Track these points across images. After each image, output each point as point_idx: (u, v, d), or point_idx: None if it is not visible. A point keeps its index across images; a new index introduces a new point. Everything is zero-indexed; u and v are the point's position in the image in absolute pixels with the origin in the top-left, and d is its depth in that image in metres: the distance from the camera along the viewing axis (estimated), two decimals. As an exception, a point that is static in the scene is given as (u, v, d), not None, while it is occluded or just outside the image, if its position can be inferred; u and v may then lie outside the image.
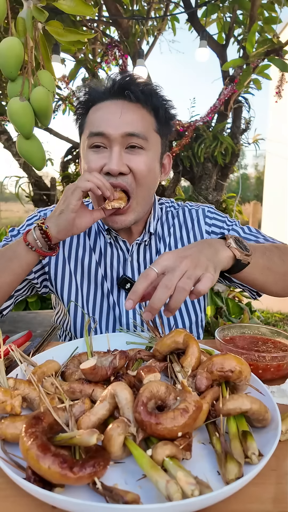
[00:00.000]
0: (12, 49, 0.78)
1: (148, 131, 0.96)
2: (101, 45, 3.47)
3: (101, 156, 0.94)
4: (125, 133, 0.92)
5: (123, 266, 1.10)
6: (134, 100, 0.94)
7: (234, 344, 0.88)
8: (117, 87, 0.94)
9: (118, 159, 0.91)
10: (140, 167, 0.94)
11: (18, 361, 0.71)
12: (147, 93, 0.95)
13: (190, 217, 1.15)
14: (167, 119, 1.02)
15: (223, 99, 3.03)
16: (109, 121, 0.92)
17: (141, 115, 0.95)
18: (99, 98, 0.97)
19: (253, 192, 19.54)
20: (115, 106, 0.94)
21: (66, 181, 3.89)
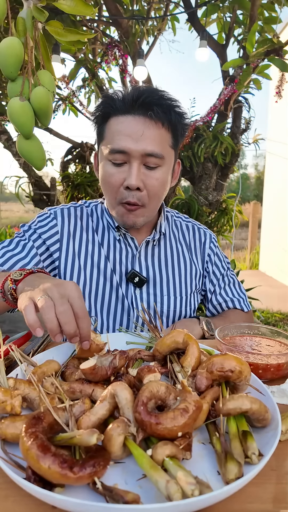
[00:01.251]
0: (12, 49, 0.78)
1: (164, 149, 1.01)
2: (101, 45, 3.46)
3: (121, 170, 1.01)
4: (145, 153, 0.98)
5: (131, 262, 1.15)
6: (156, 119, 0.98)
7: (234, 344, 0.88)
8: (141, 103, 0.97)
9: (136, 176, 0.98)
10: (154, 184, 1.02)
11: (18, 361, 0.71)
12: (168, 112, 1.00)
13: (199, 235, 1.27)
14: (183, 132, 1.08)
15: (223, 99, 3.03)
16: (130, 138, 0.97)
17: (160, 134, 1.00)
18: (121, 110, 0.99)
19: (253, 192, 19.54)
20: (137, 123, 0.97)
21: (66, 181, 3.89)
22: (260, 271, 8.32)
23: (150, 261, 1.17)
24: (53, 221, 1.14)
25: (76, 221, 1.16)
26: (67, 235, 1.13)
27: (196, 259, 1.23)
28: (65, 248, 1.12)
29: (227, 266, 1.29)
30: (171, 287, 1.17)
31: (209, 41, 2.98)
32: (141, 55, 3.03)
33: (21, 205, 3.91)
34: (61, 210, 1.16)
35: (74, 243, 1.13)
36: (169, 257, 1.20)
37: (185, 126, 1.08)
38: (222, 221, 3.44)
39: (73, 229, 1.14)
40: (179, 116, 1.03)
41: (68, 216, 1.15)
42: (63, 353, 0.82)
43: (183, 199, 3.31)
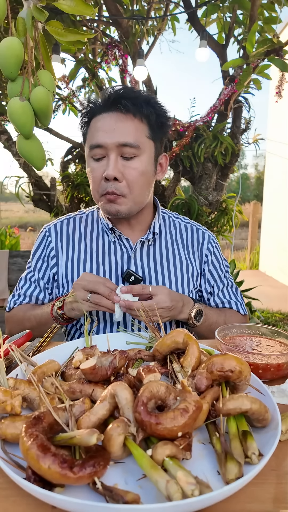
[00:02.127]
0: (12, 49, 0.78)
1: (140, 139, 1.06)
2: (101, 45, 3.46)
3: (101, 164, 1.07)
4: (119, 143, 1.03)
5: (127, 262, 1.18)
6: (126, 112, 1.04)
7: (234, 344, 0.88)
8: (112, 100, 1.05)
9: (113, 166, 1.03)
10: (132, 173, 1.06)
11: (18, 361, 0.71)
12: (138, 104, 1.05)
13: (197, 235, 1.28)
14: (160, 123, 1.12)
15: (223, 99, 3.03)
16: (105, 133, 1.04)
17: (133, 125, 1.05)
18: (97, 111, 1.08)
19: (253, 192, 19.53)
20: (110, 119, 1.05)
21: (66, 181, 3.89)
22: (260, 271, 8.32)
23: (145, 261, 1.19)
24: (48, 239, 1.23)
25: (68, 233, 1.23)
26: (60, 249, 1.21)
27: (194, 259, 1.24)
28: (60, 262, 1.20)
29: (225, 269, 1.30)
30: (166, 286, 1.18)
31: (209, 41, 2.98)
32: (141, 55, 3.03)
33: (21, 205, 3.91)
34: (54, 226, 1.25)
35: (67, 255, 1.20)
36: (165, 256, 1.21)
37: (164, 118, 1.12)
38: (222, 221, 3.44)
39: (66, 242, 1.21)
40: (152, 108, 1.07)
41: (60, 231, 1.23)
42: (63, 353, 0.82)
43: (183, 199, 3.31)
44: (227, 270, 1.30)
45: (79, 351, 0.74)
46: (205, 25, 3.04)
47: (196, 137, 3.20)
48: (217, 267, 1.27)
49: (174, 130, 3.19)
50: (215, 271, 1.26)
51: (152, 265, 1.19)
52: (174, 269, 1.20)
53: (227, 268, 1.30)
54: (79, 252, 1.20)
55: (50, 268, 1.21)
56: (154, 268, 1.19)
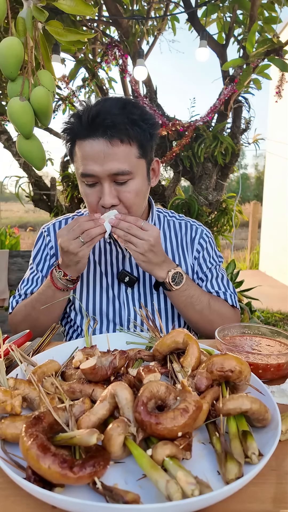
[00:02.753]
0: (12, 49, 0.78)
1: (130, 163, 1.01)
2: (101, 45, 3.46)
3: (95, 190, 1.04)
4: (111, 173, 0.99)
5: (122, 262, 1.19)
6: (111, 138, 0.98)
7: (234, 344, 0.88)
8: (96, 126, 0.98)
9: (108, 195, 1.01)
10: (128, 196, 1.04)
11: (18, 361, 0.71)
12: (123, 128, 0.98)
13: (191, 231, 1.26)
14: (149, 136, 1.06)
15: (223, 99, 3.03)
16: (94, 162, 0.99)
17: (123, 151, 0.99)
18: (81, 134, 1.01)
19: (253, 192, 19.51)
20: (97, 146, 0.98)
21: (66, 181, 3.89)
22: (260, 271, 8.32)
23: None
24: (47, 238, 1.24)
25: None
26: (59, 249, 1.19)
27: (187, 255, 1.23)
28: None
29: (217, 262, 1.27)
30: None
31: (209, 41, 2.98)
32: (141, 55, 3.03)
33: (21, 205, 3.91)
34: (53, 225, 1.25)
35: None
36: None
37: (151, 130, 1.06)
38: (222, 221, 3.44)
39: None
40: (138, 127, 1.01)
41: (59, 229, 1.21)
42: (63, 353, 0.82)
43: (183, 199, 3.31)
44: (218, 263, 1.27)
45: (79, 351, 0.74)
46: (205, 25, 3.04)
47: (196, 137, 3.20)
48: (206, 260, 1.25)
49: (174, 130, 3.19)
50: (204, 263, 1.24)
51: None
52: None
53: (219, 261, 1.28)
54: None
55: (50, 267, 1.22)
56: None
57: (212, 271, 1.24)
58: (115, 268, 1.18)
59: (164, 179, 3.95)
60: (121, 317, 1.16)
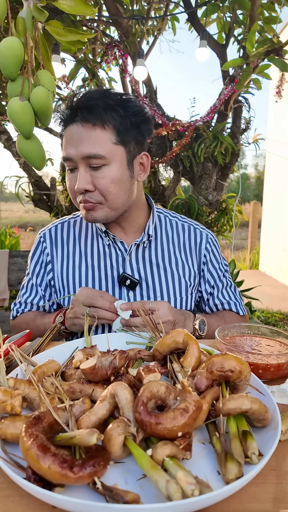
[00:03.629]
0: (12, 49, 0.78)
1: (104, 148, 1.01)
2: (101, 45, 3.46)
3: (74, 175, 1.06)
4: (83, 156, 1.01)
5: (122, 265, 1.17)
6: (84, 122, 1.01)
7: (234, 344, 0.88)
8: (71, 111, 1.03)
9: (82, 179, 1.02)
10: (102, 183, 1.03)
11: (18, 361, 0.71)
12: (95, 112, 1.00)
13: (195, 235, 1.26)
14: (130, 124, 1.05)
15: (223, 99, 3.03)
16: (70, 145, 1.03)
17: (95, 135, 1.01)
18: (66, 121, 1.06)
19: (253, 192, 19.52)
20: (73, 130, 1.03)
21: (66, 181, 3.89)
22: (260, 271, 8.32)
23: (141, 264, 1.18)
24: (43, 245, 1.24)
25: (63, 237, 1.23)
26: (55, 254, 1.21)
27: (191, 260, 1.22)
28: (56, 267, 1.21)
29: (225, 268, 1.28)
30: (164, 288, 1.17)
31: (209, 41, 2.98)
32: (141, 55, 3.02)
33: (21, 205, 3.91)
34: (49, 231, 1.24)
35: (62, 260, 1.20)
36: (160, 258, 1.20)
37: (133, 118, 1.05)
38: (222, 221, 3.44)
39: (61, 247, 1.22)
40: (114, 112, 1.01)
41: (55, 235, 1.23)
42: (63, 353, 0.82)
43: (183, 199, 3.31)
44: (226, 269, 1.29)
45: (79, 351, 0.74)
46: (205, 25, 3.04)
47: (196, 137, 3.20)
48: (216, 267, 1.25)
49: (174, 130, 3.19)
50: (215, 271, 1.25)
51: (148, 267, 1.18)
52: (170, 270, 1.19)
53: (226, 268, 1.29)
54: (74, 256, 1.20)
55: (46, 274, 1.22)
56: (150, 271, 1.18)
57: (222, 280, 1.26)
58: (115, 271, 1.16)
59: (164, 179, 3.95)
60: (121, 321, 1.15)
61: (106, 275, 1.16)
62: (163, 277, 1.18)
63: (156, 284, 1.17)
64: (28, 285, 1.25)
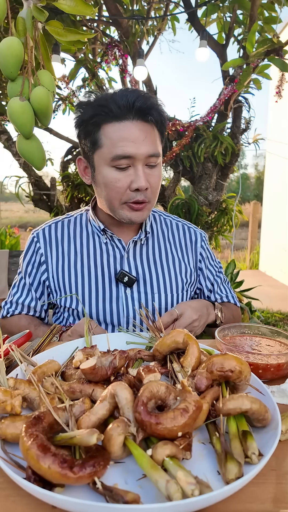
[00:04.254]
0: (12, 49, 0.78)
1: (160, 148, 1.09)
2: (101, 45, 3.46)
3: (127, 174, 1.04)
4: (149, 155, 1.04)
5: (120, 263, 1.18)
6: (153, 122, 1.05)
7: (234, 344, 0.88)
8: (138, 109, 1.02)
9: (144, 178, 1.04)
10: (156, 181, 1.09)
11: (18, 361, 0.71)
12: (159, 115, 1.07)
13: (189, 234, 1.30)
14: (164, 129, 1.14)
15: (223, 99, 3.03)
16: (134, 143, 1.01)
17: (155, 135, 1.07)
18: (116, 116, 1.02)
19: (253, 192, 19.51)
20: (137, 128, 1.02)
21: (66, 181, 3.89)
22: (260, 271, 8.32)
23: (138, 261, 1.19)
24: (37, 245, 1.21)
25: (57, 237, 1.21)
26: (50, 254, 1.19)
27: (187, 257, 1.25)
28: (51, 267, 1.19)
29: (219, 265, 1.35)
30: (161, 284, 1.18)
31: (209, 41, 2.98)
32: (141, 55, 3.02)
33: (21, 205, 3.91)
34: (42, 231, 1.22)
35: (57, 258, 1.19)
36: (157, 255, 1.22)
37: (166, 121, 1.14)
38: (222, 221, 3.44)
39: (55, 246, 1.20)
40: (163, 115, 1.09)
41: (49, 235, 1.21)
42: (63, 353, 0.82)
43: (183, 199, 3.31)
44: (220, 266, 1.35)
45: (79, 351, 0.74)
46: (205, 25, 3.04)
47: (196, 137, 3.21)
48: (213, 265, 1.31)
49: (174, 130, 3.19)
50: (212, 268, 1.31)
51: (145, 264, 1.19)
52: (167, 267, 1.21)
53: (220, 265, 1.36)
54: (69, 256, 1.18)
55: (40, 274, 1.20)
56: (148, 267, 1.19)
57: (219, 275, 1.33)
58: (112, 269, 1.16)
59: (164, 179, 3.95)
60: (119, 320, 1.15)
61: (103, 273, 1.16)
62: (160, 274, 1.19)
63: (153, 281, 1.18)
64: (19, 285, 1.23)
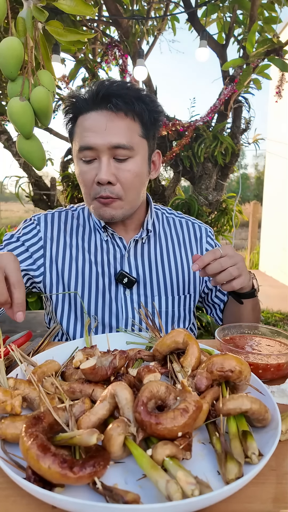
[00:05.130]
0: (12, 49, 0.78)
1: (132, 140, 0.99)
2: (101, 45, 3.46)
3: (92, 167, 1.00)
4: (111, 145, 0.96)
5: (120, 262, 1.13)
6: (117, 110, 0.96)
7: (234, 344, 0.88)
8: (100, 97, 0.96)
9: (106, 170, 0.97)
10: (127, 176, 1.00)
11: (18, 361, 0.71)
12: (129, 101, 0.97)
13: (194, 230, 1.24)
14: (153, 120, 1.05)
15: (223, 99, 3.03)
16: (95, 133, 0.97)
17: (125, 125, 0.98)
18: (84, 108, 0.99)
19: (253, 192, 19.53)
20: (100, 118, 0.97)
21: (66, 181, 3.89)
22: (260, 271, 8.32)
23: (139, 261, 1.14)
24: (36, 228, 1.14)
25: (60, 226, 1.16)
26: (50, 241, 1.13)
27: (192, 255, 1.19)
28: (49, 254, 1.12)
29: None
30: (161, 287, 1.14)
31: (209, 41, 2.98)
32: (141, 55, 3.02)
33: (21, 205, 3.91)
34: (44, 216, 1.16)
35: (58, 249, 1.13)
36: (159, 255, 1.17)
37: (156, 114, 1.05)
38: (222, 221, 3.44)
39: (57, 235, 1.14)
40: (144, 104, 1.00)
41: (51, 221, 1.16)
42: (63, 353, 0.82)
43: (183, 199, 3.31)
44: None
45: (79, 351, 0.74)
46: (205, 25, 3.04)
47: (196, 137, 3.21)
48: None
49: (174, 130, 3.19)
50: None
51: (146, 264, 1.15)
52: (169, 268, 1.16)
53: None
54: (71, 249, 1.13)
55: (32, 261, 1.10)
56: (148, 268, 1.14)
57: None
58: (112, 269, 1.12)
59: (164, 179, 3.95)
60: (118, 321, 1.11)
61: (103, 271, 1.12)
62: (161, 275, 1.15)
63: (154, 283, 1.14)
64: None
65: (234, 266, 0.92)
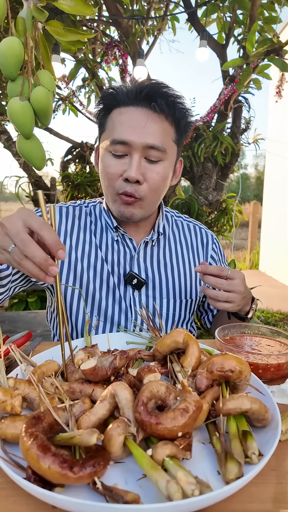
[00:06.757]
0: (12, 49, 0.78)
1: (167, 143, 0.99)
2: (101, 45, 3.46)
3: (121, 162, 0.98)
4: (147, 145, 0.96)
5: (129, 263, 1.13)
6: (159, 111, 0.97)
7: (234, 344, 0.88)
8: (144, 95, 0.96)
9: (137, 168, 0.96)
10: (155, 178, 1.00)
11: (18, 361, 0.71)
12: (171, 105, 0.98)
13: (201, 236, 1.26)
14: (186, 128, 1.06)
15: (223, 99, 3.03)
16: (133, 129, 0.95)
17: (163, 127, 0.98)
18: (123, 101, 0.98)
19: (253, 192, 19.51)
20: (139, 114, 0.96)
21: (66, 181, 3.89)
22: (260, 271, 8.32)
23: (149, 262, 1.14)
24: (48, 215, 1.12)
25: (74, 220, 1.14)
26: (63, 233, 1.11)
27: (199, 260, 1.21)
28: None
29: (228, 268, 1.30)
30: (170, 289, 1.14)
31: (209, 41, 2.98)
32: (141, 55, 3.02)
33: (21, 205, 3.91)
34: (59, 208, 1.15)
35: (71, 242, 1.11)
36: (168, 258, 1.17)
37: (189, 123, 1.06)
38: (222, 221, 3.44)
39: (70, 228, 1.13)
40: (182, 112, 1.01)
41: (66, 215, 1.14)
42: (63, 353, 0.82)
43: (183, 199, 3.31)
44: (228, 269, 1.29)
45: (80, 350, 0.74)
46: (205, 25, 3.04)
47: (196, 137, 3.21)
48: None
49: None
50: None
51: (155, 266, 1.15)
52: (178, 271, 1.16)
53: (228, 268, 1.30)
54: (84, 244, 1.12)
55: None
56: (158, 270, 1.14)
57: None
58: (122, 269, 1.11)
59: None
60: (127, 319, 1.10)
61: (113, 271, 1.11)
62: (170, 278, 1.15)
63: (163, 285, 1.13)
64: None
65: (229, 293, 0.94)
